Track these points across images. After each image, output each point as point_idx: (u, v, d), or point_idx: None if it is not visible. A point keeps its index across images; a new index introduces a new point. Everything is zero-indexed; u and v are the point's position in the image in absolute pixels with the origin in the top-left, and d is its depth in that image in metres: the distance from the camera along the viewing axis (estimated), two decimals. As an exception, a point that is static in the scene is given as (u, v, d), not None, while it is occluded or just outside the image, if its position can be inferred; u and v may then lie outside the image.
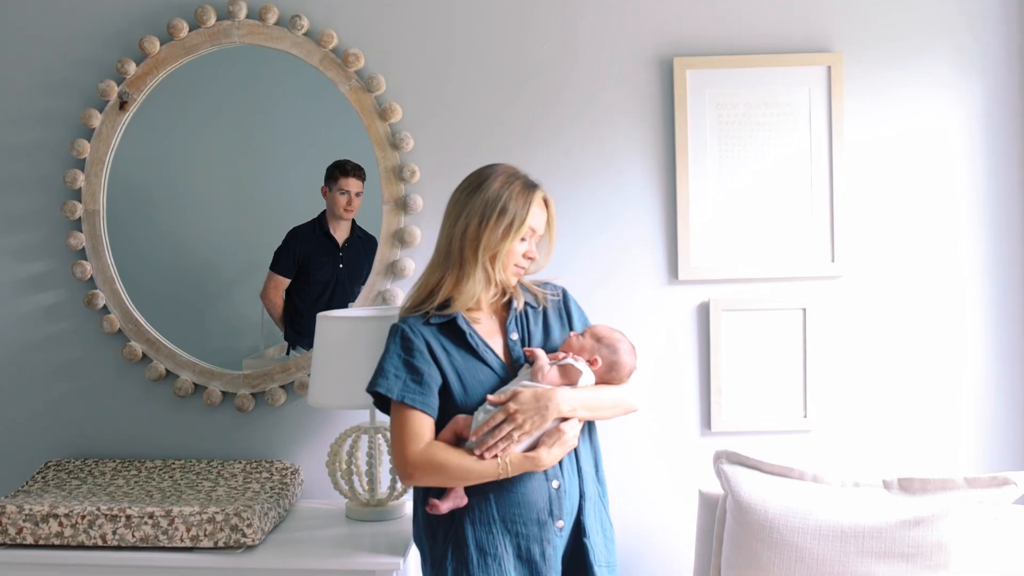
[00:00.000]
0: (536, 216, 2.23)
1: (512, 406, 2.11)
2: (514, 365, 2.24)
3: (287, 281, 2.99)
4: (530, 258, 2.26)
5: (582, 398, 2.18)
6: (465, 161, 2.80)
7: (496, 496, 2.14)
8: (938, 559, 2.37)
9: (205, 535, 2.41)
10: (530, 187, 2.24)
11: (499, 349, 2.25)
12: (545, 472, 2.15)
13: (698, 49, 2.85)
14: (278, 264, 2.98)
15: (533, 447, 2.13)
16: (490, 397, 2.15)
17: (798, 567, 2.40)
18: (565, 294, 2.40)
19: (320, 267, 3.00)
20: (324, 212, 2.96)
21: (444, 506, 2.13)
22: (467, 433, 2.15)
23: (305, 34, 2.87)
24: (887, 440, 2.89)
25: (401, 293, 2.90)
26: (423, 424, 2.15)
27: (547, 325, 2.32)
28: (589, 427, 2.29)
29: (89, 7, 2.93)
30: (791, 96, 2.83)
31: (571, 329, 2.34)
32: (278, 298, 2.99)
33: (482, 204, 2.19)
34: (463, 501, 2.15)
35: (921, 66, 2.84)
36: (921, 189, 2.87)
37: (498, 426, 2.11)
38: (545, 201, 2.27)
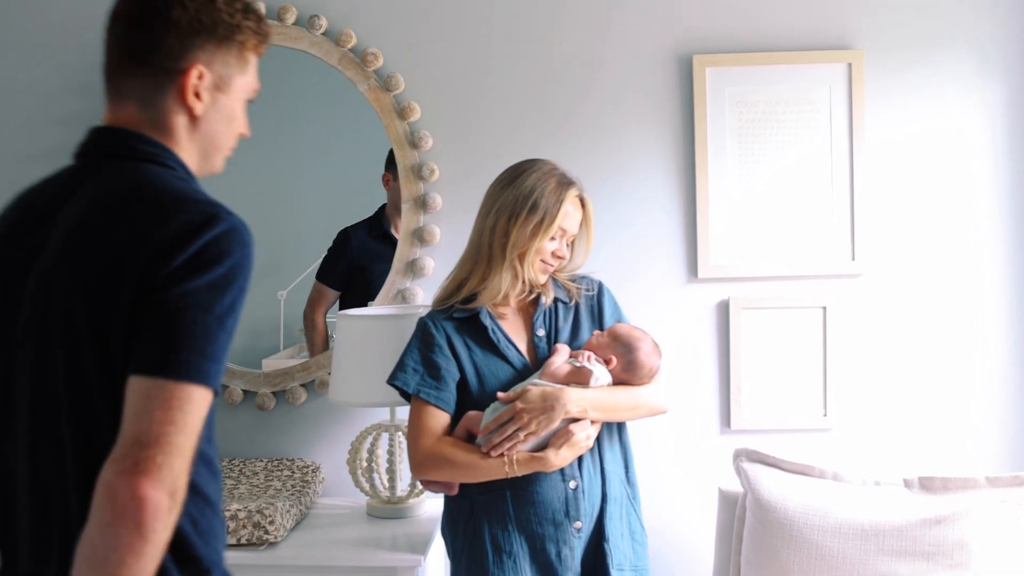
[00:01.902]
0: (569, 216, 2.18)
1: (519, 405, 2.08)
2: (538, 362, 2.21)
3: (335, 295, 2.56)
4: (559, 257, 2.21)
5: (593, 398, 2.13)
6: (484, 160, 2.81)
7: (512, 494, 2.13)
8: (959, 558, 2.36)
9: (228, 532, 2.42)
10: (565, 185, 2.18)
11: (523, 346, 2.23)
12: (562, 472, 2.12)
13: (718, 47, 2.85)
14: (326, 273, 2.52)
15: (543, 447, 2.11)
16: (499, 395, 2.13)
17: (818, 565, 2.39)
18: (600, 289, 2.33)
19: (381, 275, 2.70)
20: (383, 208, 2.73)
21: (434, 485, 2.17)
22: (478, 429, 2.14)
23: (323, 34, 2.88)
24: (907, 439, 2.88)
25: (421, 292, 2.91)
26: (437, 419, 2.15)
27: (577, 321, 2.27)
28: (619, 428, 2.25)
29: (109, 7, 2.93)
30: (811, 94, 2.83)
31: (602, 325, 2.28)
32: (320, 318, 2.46)
33: (513, 199, 2.15)
34: (453, 490, 2.17)
35: (942, 64, 2.83)
36: (941, 187, 2.86)
37: (504, 424, 2.08)
38: (582, 200, 2.22)
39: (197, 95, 1.45)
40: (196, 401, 1.27)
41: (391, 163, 2.76)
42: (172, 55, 1.44)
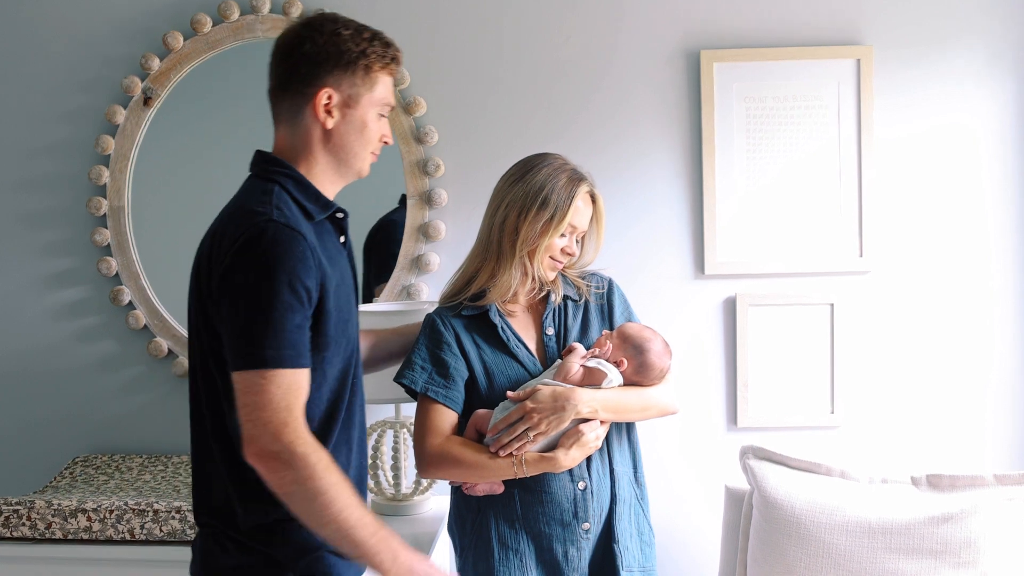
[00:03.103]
0: (579, 212, 2.14)
1: (529, 404, 2.05)
2: (547, 361, 2.18)
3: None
4: (569, 254, 2.18)
5: (604, 399, 2.10)
6: (490, 155, 2.80)
7: (520, 494, 2.11)
8: (967, 556, 2.35)
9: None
10: (576, 180, 2.14)
11: (532, 344, 2.20)
12: (571, 472, 2.10)
13: (725, 42, 2.83)
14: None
15: (552, 447, 2.08)
16: (509, 394, 2.10)
17: (825, 563, 2.39)
18: (611, 286, 2.29)
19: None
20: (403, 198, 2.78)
21: (480, 488, 2.12)
22: (486, 428, 2.12)
23: (329, 29, 2.86)
24: (915, 436, 2.88)
25: (426, 288, 2.90)
26: (444, 418, 2.13)
27: (586, 320, 2.24)
28: (628, 428, 2.23)
29: (113, 3, 2.93)
30: (820, 90, 2.81)
31: (611, 323, 2.24)
32: None
33: (523, 195, 2.11)
34: (499, 488, 2.12)
35: (952, 61, 2.81)
36: (950, 184, 2.84)
37: (514, 424, 2.06)
38: (592, 196, 2.18)
39: (328, 112, 1.76)
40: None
41: None
42: (306, 81, 1.76)
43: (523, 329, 2.21)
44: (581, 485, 2.12)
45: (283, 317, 1.62)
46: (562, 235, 2.14)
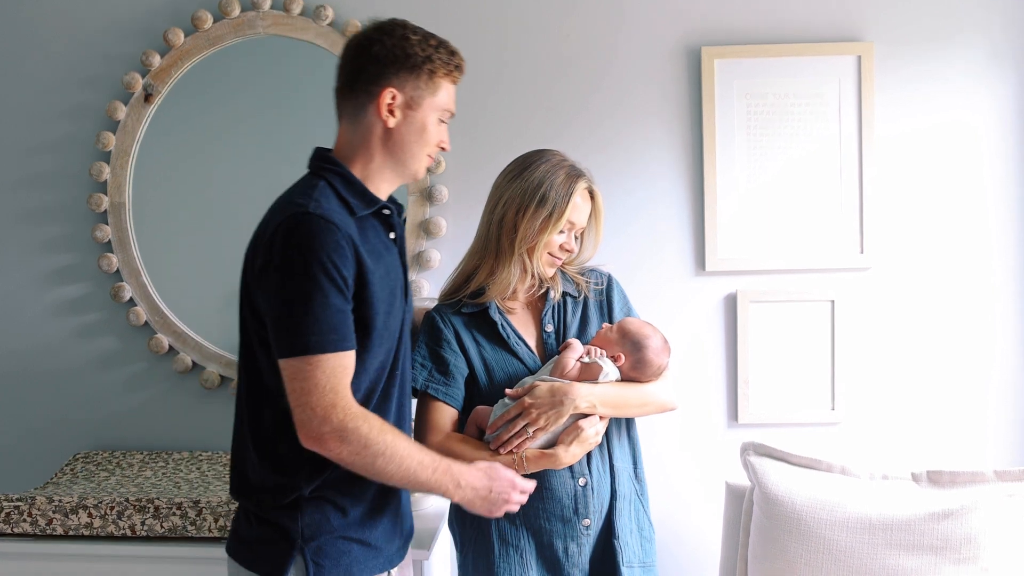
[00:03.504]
0: (578, 209, 2.14)
1: (527, 400, 2.05)
2: (547, 358, 2.18)
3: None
4: (567, 250, 2.17)
5: (602, 394, 2.09)
6: (491, 151, 2.80)
7: None
8: (967, 552, 2.35)
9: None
10: (574, 177, 2.13)
11: (532, 341, 2.20)
12: (571, 469, 2.10)
13: (726, 39, 2.83)
14: None
15: (552, 444, 2.08)
16: (507, 391, 2.10)
17: (825, 559, 2.39)
18: (610, 281, 2.29)
19: None
20: None
21: None
22: (486, 424, 2.12)
23: (330, 24, 2.86)
24: (916, 433, 2.88)
25: (427, 284, 2.90)
26: (444, 415, 2.13)
27: (585, 316, 2.24)
28: (628, 424, 2.23)
29: (114, 0, 2.93)
30: (821, 87, 2.81)
31: (610, 319, 2.24)
32: None
33: (521, 192, 2.11)
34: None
35: (953, 57, 2.81)
36: (951, 181, 2.84)
37: (512, 420, 2.06)
38: (591, 192, 2.17)
39: (391, 112, 1.85)
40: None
41: None
42: (371, 80, 1.85)
43: (523, 326, 2.21)
44: (582, 481, 2.12)
45: (323, 303, 1.72)
46: (560, 232, 2.14)
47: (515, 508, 1.96)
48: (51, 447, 3.00)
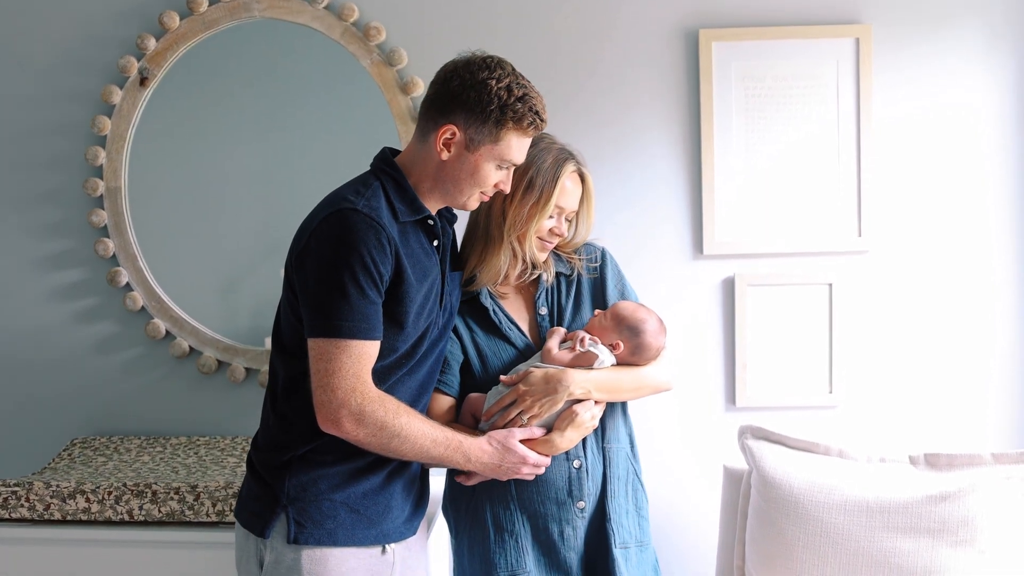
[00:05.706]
0: (566, 193, 2.12)
1: (522, 387, 2.05)
2: (541, 342, 2.17)
3: None
4: (557, 235, 2.16)
5: (596, 379, 2.08)
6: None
7: None
8: (964, 535, 2.36)
9: (231, 510, 2.41)
10: (561, 161, 2.10)
11: (525, 325, 2.19)
12: (566, 452, 2.10)
13: (724, 21, 2.82)
14: None
15: (548, 430, 2.07)
16: (502, 378, 2.10)
17: (823, 542, 2.39)
18: (603, 257, 2.26)
19: None
20: None
21: (473, 479, 2.11)
22: (480, 412, 2.11)
23: (326, 7, 2.85)
24: (913, 416, 2.88)
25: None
26: (440, 403, 2.13)
27: (579, 296, 2.22)
28: (621, 405, 2.22)
29: (109, -18, 2.92)
30: (819, 69, 2.80)
31: (604, 297, 2.21)
32: None
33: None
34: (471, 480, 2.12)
35: (951, 39, 2.80)
36: (949, 164, 2.84)
37: (507, 408, 2.06)
38: (581, 175, 2.15)
39: (447, 147, 1.93)
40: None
41: None
42: (440, 111, 1.93)
43: (515, 311, 2.20)
44: (576, 464, 2.12)
45: (359, 293, 1.83)
46: (550, 217, 2.12)
47: (529, 478, 2.07)
48: (48, 432, 3.00)
